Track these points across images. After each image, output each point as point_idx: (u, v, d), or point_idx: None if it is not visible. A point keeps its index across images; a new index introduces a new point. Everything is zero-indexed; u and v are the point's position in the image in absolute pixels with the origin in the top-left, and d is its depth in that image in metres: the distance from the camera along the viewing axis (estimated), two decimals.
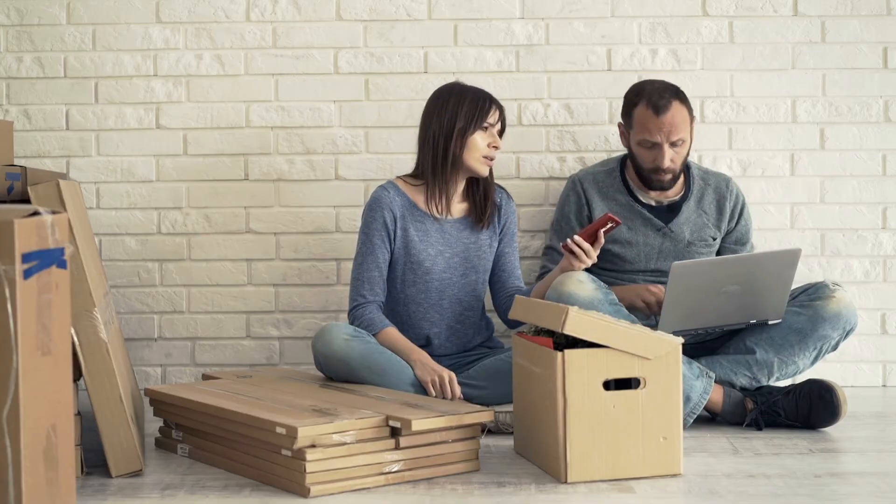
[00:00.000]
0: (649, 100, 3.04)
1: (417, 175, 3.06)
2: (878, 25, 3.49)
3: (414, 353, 2.88)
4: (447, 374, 2.81)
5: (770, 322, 2.92)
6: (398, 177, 3.11)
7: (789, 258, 2.86)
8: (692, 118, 3.09)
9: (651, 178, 3.10)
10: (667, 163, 3.05)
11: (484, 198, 3.08)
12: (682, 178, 3.19)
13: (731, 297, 2.85)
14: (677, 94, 3.07)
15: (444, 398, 2.76)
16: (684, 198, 3.18)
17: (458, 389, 2.79)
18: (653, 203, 3.17)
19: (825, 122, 3.51)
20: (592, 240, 2.89)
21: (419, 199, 3.05)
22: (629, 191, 3.18)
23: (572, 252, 2.87)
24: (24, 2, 3.48)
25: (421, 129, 3.06)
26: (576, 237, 2.88)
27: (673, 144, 3.04)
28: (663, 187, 3.12)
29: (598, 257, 3.07)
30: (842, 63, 3.49)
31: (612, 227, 2.88)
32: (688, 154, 3.12)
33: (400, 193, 3.04)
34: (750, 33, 3.49)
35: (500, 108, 3.03)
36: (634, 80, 3.40)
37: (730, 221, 3.20)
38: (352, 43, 3.49)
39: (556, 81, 3.49)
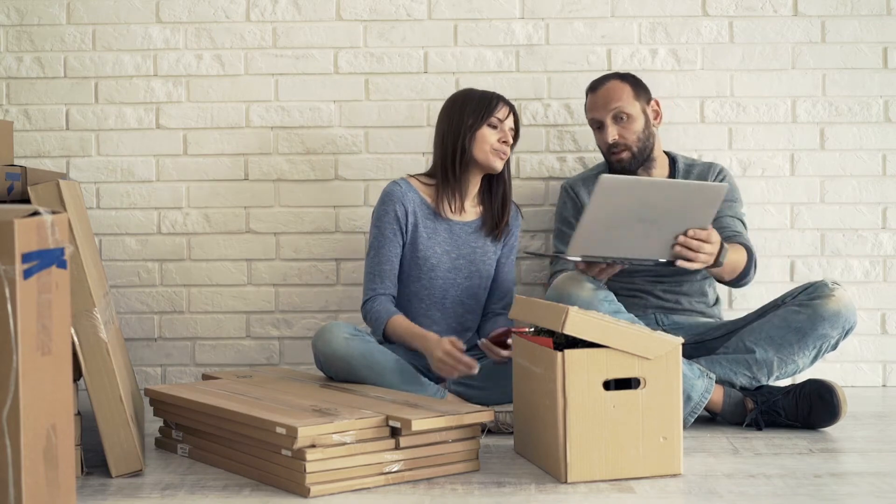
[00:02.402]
0: (589, 85, 3.18)
1: (432, 175, 3.09)
2: (878, 25, 3.49)
3: (419, 340, 2.87)
4: (448, 341, 2.78)
5: (677, 264, 2.78)
6: (411, 175, 3.13)
7: (714, 193, 2.74)
8: (642, 97, 3.12)
9: (611, 161, 3.13)
10: (612, 137, 3.08)
11: (501, 207, 3.11)
12: (666, 173, 3.19)
13: (647, 228, 2.75)
14: (620, 75, 3.15)
15: (462, 371, 2.76)
16: None
17: (466, 357, 2.76)
18: None
19: (825, 122, 3.51)
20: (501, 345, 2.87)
21: (431, 197, 3.07)
22: None
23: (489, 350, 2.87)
24: (24, 2, 3.48)
25: (435, 133, 3.11)
26: (483, 340, 2.86)
27: (617, 119, 3.09)
28: (624, 168, 3.11)
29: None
30: (842, 63, 3.49)
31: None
32: (645, 132, 3.11)
33: (412, 189, 3.06)
34: (750, 33, 3.49)
35: (511, 107, 3.06)
36: None
37: None
38: (352, 43, 3.49)
39: (556, 81, 3.49)
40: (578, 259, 2.79)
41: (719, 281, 3.04)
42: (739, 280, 3.02)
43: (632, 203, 2.71)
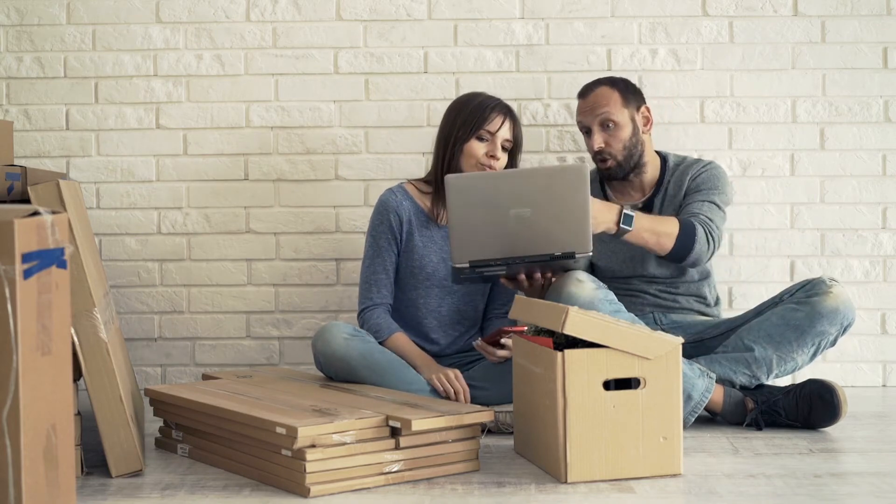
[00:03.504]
0: (580, 90, 3.17)
1: (429, 181, 3.07)
2: (878, 25, 3.49)
3: (418, 360, 2.89)
4: (452, 371, 2.83)
5: (577, 255, 2.74)
6: (410, 181, 3.11)
7: (574, 176, 2.69)
8: (632, 104, 3.10)
9: (599, 168, 3.13)
10: (598, 145, 3.07)
11: None
12: (657, 175, 3.18)
13: (525, 223, 2.70)
14: (611, 80, 3.13)
15: (454, 393, 2.79)
16: (655, 193, 3.17)
17: (466, 387, 2.81)
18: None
19: (825, 122, 3.51)
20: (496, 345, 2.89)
21: (427, 204, 3.05)
22: (606, 200, 3.18)
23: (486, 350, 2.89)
24: (24, 2, 3.48)
25: (435, 136, 3.08)
26: (478, 341, 2.89)
27: (604, 127, 3.08)
28: (610, 175, 3.12)
29: (590, 270, 3.17)
30: (842, 63, 3.49)
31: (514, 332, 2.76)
32: (633, 140, 3.09)
33: (408, 197, 3.04)
34: (750, 33, 3.50)
35: (507, 116, 2.99)
36: (635, 80, 3.41)
37: (690, 183, 3.14)
38: (352, 43, 3.49)
39: (556, 81, 3.49)
40: (466, 265, 2.72)
41: (657, 254, 2.95)
42: (679, 253, 2.92)
43: (492, 198, 2.68)
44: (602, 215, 2.79)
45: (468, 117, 2.97)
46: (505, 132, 2.98)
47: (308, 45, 3.49)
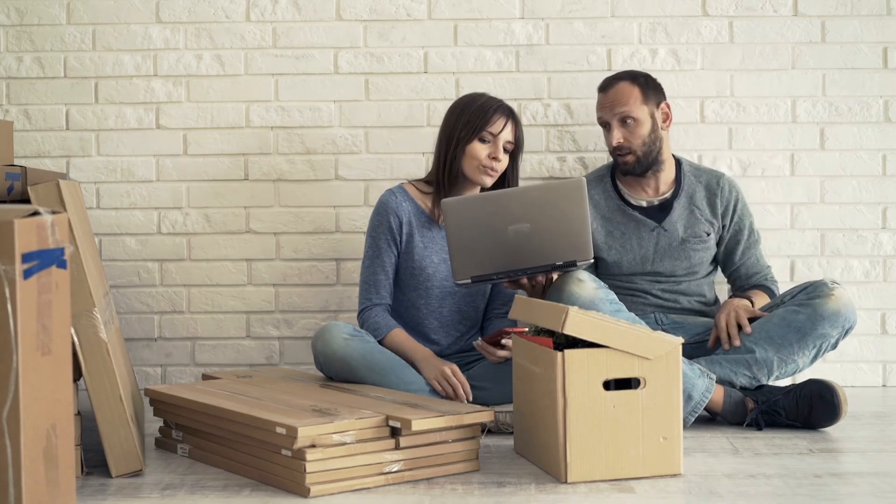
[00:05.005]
0: (601, 83, 3.18)
1: (430, 182, 3.07)
2: (878, 25, 3.49)
3: (417, 353, 2.89)
4: (449, 367, 2.82)
5: (579, 263, 2.78)
6: (409, 181, 3.11)
7: (572, 190, 2.73)
8: (652, 100, 3.11)
9: (618, 162, 3.15)
10: (616, 140, 3.09)
11: None
12: (672, 176, 3.19)
13: (525, 238, 2.73)
14: (632, 76, 3.14)
15: (454, 393, 2.78)
16: (675, 195, 3.18)
17: (464, 380, 2.81)
18: (644, 204, 3.17)
19: (825, 122, 3.51)
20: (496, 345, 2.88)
21: (428, 205, 3.05)
22: (619, 195, 3.18)
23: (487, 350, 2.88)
24: (24, 2, 3.48)
25: (437, 136, 3.08)
26: (478, 341, 2.88)
27: (622, 123, 3.09)
28: (629, 170, 3.13)
29: (595, 264, 3.17)
30: (842, 63, 3.49)
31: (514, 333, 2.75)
32: (652, 136, 3.10)
33: (408, 198, 3.04)
34: (750, 33, 3.49)
35: (509, 118, 2.99)
36: None
37: (723, 217, 3.20)
38: (352, 43, 3.49)
39: (556, 81, 3.49)
40: (468, 281, 2.75)
41: None
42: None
43: (489, 217, 2.71)
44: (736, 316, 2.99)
45: (470, 118, 2.97)
46: (507, 134, 2.98)
47: (308, 45, 3.49)
